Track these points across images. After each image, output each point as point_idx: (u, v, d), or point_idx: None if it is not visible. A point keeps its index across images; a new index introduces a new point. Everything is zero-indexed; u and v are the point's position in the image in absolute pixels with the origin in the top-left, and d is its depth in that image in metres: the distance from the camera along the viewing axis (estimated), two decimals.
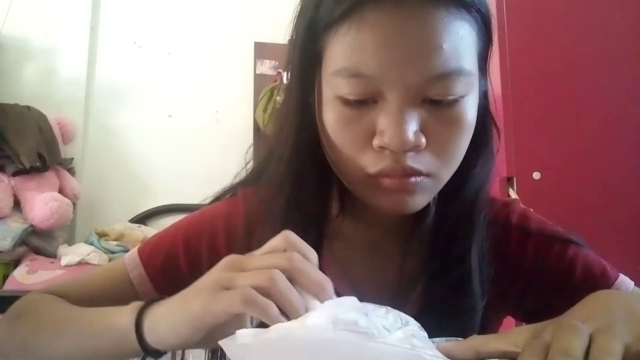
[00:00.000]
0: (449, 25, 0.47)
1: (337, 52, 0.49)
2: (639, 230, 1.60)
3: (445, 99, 0.48)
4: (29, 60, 2.31)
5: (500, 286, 0.59)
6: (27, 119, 2.05)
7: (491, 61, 0.55)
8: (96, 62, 2.40)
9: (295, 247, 0.43)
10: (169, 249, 0.62)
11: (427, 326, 0.41)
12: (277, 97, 2.17)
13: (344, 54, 0.48)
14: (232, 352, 0.36)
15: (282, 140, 0.57)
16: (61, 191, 2.05)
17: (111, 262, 0.70)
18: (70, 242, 2.08)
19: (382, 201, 0.52)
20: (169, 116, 2.41)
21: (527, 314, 0.64)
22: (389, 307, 0.40)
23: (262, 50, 2.47)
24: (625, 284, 0.60)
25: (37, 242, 1.94)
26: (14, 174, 1.93)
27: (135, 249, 0.64)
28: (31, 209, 1.93)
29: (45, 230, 1.94)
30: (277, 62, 2.45)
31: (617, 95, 1.66)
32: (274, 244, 0.44)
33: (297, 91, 0.55)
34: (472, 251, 0.57)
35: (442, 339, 0.41)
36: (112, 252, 1.96)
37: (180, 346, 0.44)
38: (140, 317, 0.46)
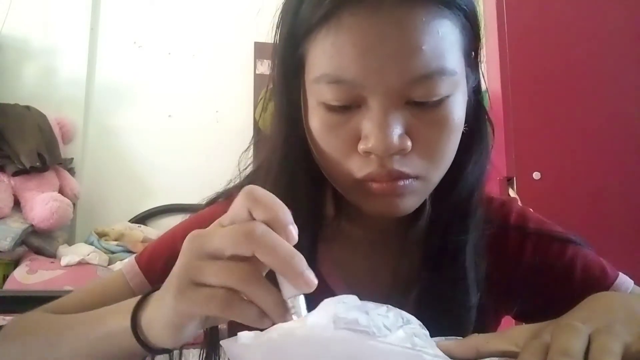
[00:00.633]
0: (428, 25, 0.46)
1: (318, 58, 0.48)
2: (639, 230, 1.60)
3: (429, 100, 0.47)
4: (29, 60, 2.30)
5: (498, 287, 0.59)
6: (27, 119, 2.05)
7: (491, 61, 0.55)
8: (96, 62, 2.39)
9: (260, 207, 0.38)
10: (168, 253, 0.60)
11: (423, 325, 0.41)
12: None
13: (324, 60, 0.48)
14: (233, 352, 0.36)
15: (272, 146, 0.57)
16: (61, 191, 2.05)
17: (106, 277, 0.68)
18: (70, 242, 2.08)
19: (372, 205, 0.52)
20: (169, 116, 2.40)
21: (527, 314, 0.63)
22: (389, 306, 0.40)
23: (262, 50, 2.47)
24: (625, 283, 0.60)
25: (37, 242, 1.93)
26: (14, 174, 1.93)
27: (132, 259, 0.63)
28: (31, 209, 1.93)
29: (45, 230, 1.94)
30: None
31: (617, 95, 1.66)
32: (237, 209, 0.38)
33: (282, 98, 0.55)
34: (467, 250, 0.56)
35: (442, 338, 0.41)
36: (112, 252, 1.95)
37: (177, 344, 0.42)
38: (135, 320, 0.44)
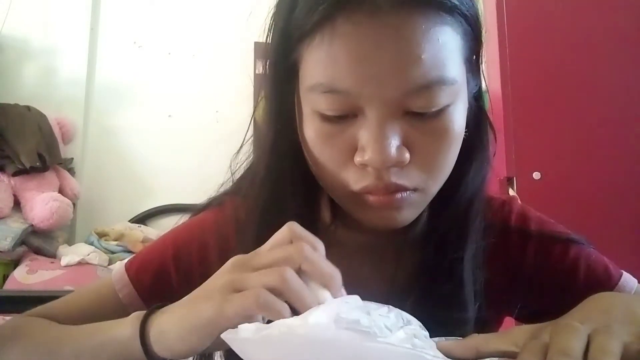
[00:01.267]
0: (428, 32, 0.43)
1: (312, 65, 0.46)
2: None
3: (428, 111, 0.45)
4: (29, 60, 2.31)
5: (500, 290, 0.58)
6: (27, 119, 2.06)
7: (491, 61, 0.54)
8: (96, 62, 2.40)
9: (301, 238, 0.42)
10: (158, 265, 0.60)
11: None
12: None
13: (319, 69, 0.45)
14: (234, 345, 0.37)
15: (260, 151, 0.56)
16: (61, 191, 2.05)
17: (96, 283, 0.68)
18: (70, 242, 2.08)
19: (369, 217, 0.50)
20: (169, 116, 2.41)
21: (529, 315, 0.62)
22: (390, 306, 0.40)
23: (262, 50, 2.45)
24: (629, 283, 0.60)
25: (37, 242, 1.94)
26: (14, 174, 1.94)
27: (122, 267, 0.61)
28: (31, 209, 1.93)
29: (45, 230, 1.95)
30: None
31: (617, 95, 1.66)
32: (279, 237, 0.42)
33: (273, 103, 0.53)
34: (465, 259, 0.55)
35: (442, 338, 0.41)
36: (112, 252, 1.96)
37: (190, 353, 0.43)
38: (144, 328, 0.44)
